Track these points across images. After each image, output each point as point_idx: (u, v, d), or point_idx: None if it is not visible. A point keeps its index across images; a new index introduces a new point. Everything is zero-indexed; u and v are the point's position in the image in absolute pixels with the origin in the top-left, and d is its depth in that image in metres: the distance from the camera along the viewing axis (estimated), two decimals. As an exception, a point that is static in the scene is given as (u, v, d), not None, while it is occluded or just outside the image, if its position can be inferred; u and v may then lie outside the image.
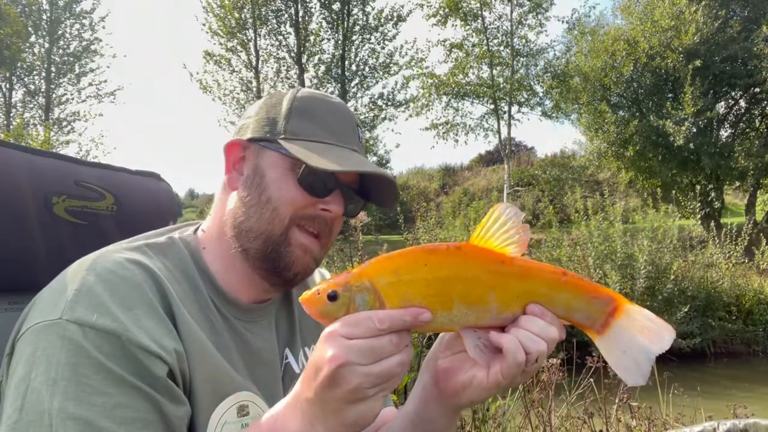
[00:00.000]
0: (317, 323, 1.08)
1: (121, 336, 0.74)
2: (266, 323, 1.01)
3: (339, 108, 1.00)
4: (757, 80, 16.33)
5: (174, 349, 0.79)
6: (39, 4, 21.78)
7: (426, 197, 20.49)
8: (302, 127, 0.95)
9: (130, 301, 0.78)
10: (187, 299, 0.88)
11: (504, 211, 0.76)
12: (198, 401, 0.82)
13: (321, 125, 0.95)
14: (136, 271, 0.82)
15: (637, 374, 0.73)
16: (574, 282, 0.77)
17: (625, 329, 0.75)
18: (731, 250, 11.28)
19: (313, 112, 0.96)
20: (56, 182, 1.09)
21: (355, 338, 0.69)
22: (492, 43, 19.96)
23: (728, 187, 18.49)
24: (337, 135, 0.96)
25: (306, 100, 0.98)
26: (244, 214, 0.94)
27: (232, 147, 0.98)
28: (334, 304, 0.72)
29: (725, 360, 9.96)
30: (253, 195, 0.94)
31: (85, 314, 0.74)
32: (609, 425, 2.88)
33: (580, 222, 10.62)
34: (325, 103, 0.99)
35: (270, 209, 0.92)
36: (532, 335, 0.73)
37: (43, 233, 1.05)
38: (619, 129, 17.39)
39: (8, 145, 1.07)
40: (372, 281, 0.72)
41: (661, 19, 16.74)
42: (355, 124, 1.02)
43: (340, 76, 21.28)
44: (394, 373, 0.70)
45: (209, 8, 20.24)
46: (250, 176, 0.95)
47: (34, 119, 21.88)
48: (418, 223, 10.63)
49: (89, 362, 0.72)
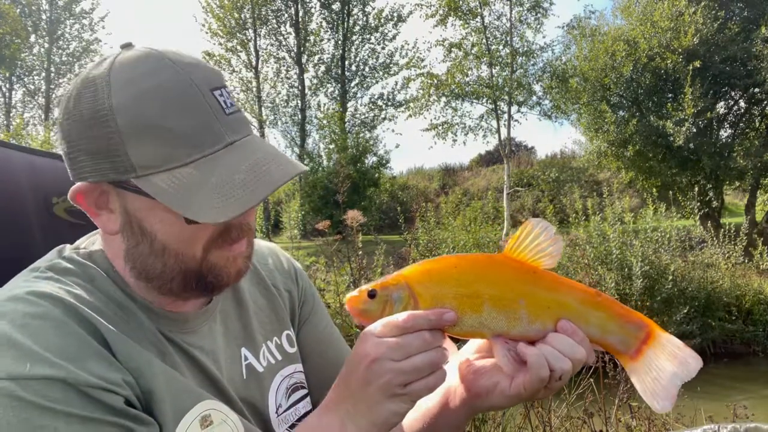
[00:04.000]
0: (275, 316, 1.02)
1: (66, 379, 0.66)
2: (207, 329, 0.90)
3: (169, 89, 0.72)
4: (756, 81, 16.33)
5: (122, 379, 0.72)
6: (39, 4, 21.79)
7: (426, 197, 20.48)
8: (148, 154, 0.71)
9: (58, 342, 0.68)
10: (119, 322, 0.77)
11: (536, 225, 0.80)
12: (160, 421, 0.76)
13: (168, 139, 0.72)
14: (50, 306, 0.71)
15: (666, 401, 0.76)
16: (608, 303, 0.80)
17: (657, 356, 0.78)
18: (731, 250, 11.29)
19: (146, 122, 0.71)
20: (56, 182, 1.08)
21: (386, 336, 0.73)
22: (491, 42, 19.97)
23: (728, 187, 18.49)
24: (195, 141, 0.73)
25: (127, 107, 0.71)
26: (141, 265, 0.79)
27: (81, 196, 0.78)
28: (372, 302, 0.78)
29: (725, 360, 9.95)
30: (143, 245, 0.78)
31: (15, 367, 0.65)
32: (609, 425, 2.88)
33: (578, 223, 10.62)
34: (150, 94, 0.72)
35: (172, 255, 0.78)
36: (559, 353, 0.74)
37: (43, 234, 1.05)
38: (619, 129, 17.39)
39: (8, 145, 1.07)
40: (408, 281, 0.79)
41: (661, 20, 16.75)
42: (208, 97, 0.74)
43: (340, 76, 21.30)
44: (423, 370, 0.73)
45: (209, 8, 20.24)
46: (126, 224, 0.78)
47: (34, 119, 21.92)
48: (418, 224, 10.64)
49: (41, 413, 0.64)
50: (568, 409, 3.09)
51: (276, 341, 1.00)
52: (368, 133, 21.27)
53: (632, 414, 2.93)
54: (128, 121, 0.71)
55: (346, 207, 4.45)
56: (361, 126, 21.72)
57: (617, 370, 2.90)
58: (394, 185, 23.04)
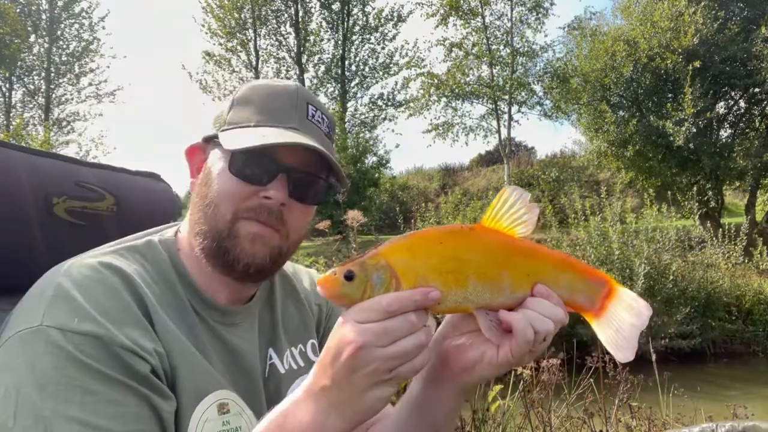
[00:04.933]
0: (303, 325, 1.12)
1: (103, 338, 0.75)
2: (248, 325, 1.00)
3: (280, 89, 0.96)
4: (756, 81, 16.35)
5: (153, 349, 0.80)
6: (38, 4, 21.78)
7: (426, 197, 20.48)
8: (238, 115, 0.93)
9: (107, 305, 0.79)
10: (164, 301, 0.87)
11: (512, 193, 0.79)
12: (180, 399, 0.83)
13: (256, 109, 0.93)
14: (109, 274, 0.82)
15: (628, 351, 0.79)
16: (575, 264, 0.81)
17: (617, 310, 0.80)
18: (731, 250, 11.29)
19: (251, 98, 0.94)
20: (56, 183, 1.08)
21: (369, 322, 0.70)
22: (492, 42, 19.98)
23: (728, 187, 18.50)
24: (275, 116, 0.92)
25: (249, 89, 0.96)
26: (195, 217, 0.93)
27: (192, 151, 0.98)
28: (351, 284, 0.72)
29: (725, 360, 9.96)
30: (201, 196, 0.93)
31: (65, 319, 0.75)
32: (609, 425, 2.88)
33: (577, 224, 10.61)
34: (268, 87, 0.96)
35: (212, 207, 0.90)
36: (540, 315, 0.76)
37: (43, 234, 1.05)
38: (619, 129, 17.40)
39: (8, 145, 1.07)
40: (388, 260, 0.73)
41: (661, 20, 16.75)
42: (301, 102, 0.95)
43: (340, 76, 21.31)
44: (411, 354, 0.70)
45: (209, 9, 20.25)
46: (202, 178, 0.94)
47: (33, 119, 21.89)
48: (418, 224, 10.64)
49: (75, 364, 0.73)
50: (568, 409, 3.09)
51: (300, 348, 1.08)
52: (368, 133, 21.30)
53: (632, 414, 2.93)
54: (241, 96, 0.95)
55: (346, 207, 4.45)
56: (361, 126, 21.73)
57: (617, 370, 2.90)
58: (394, 185, 23.03)
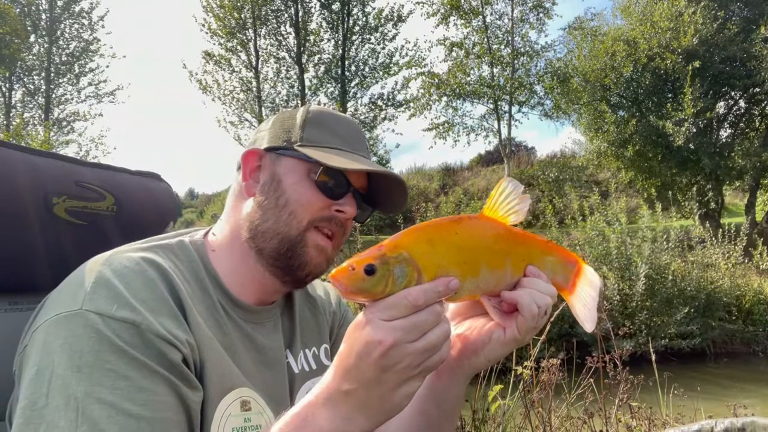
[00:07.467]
0: (318, 329, 1.16)
1: (140, 325, 0.79)
2: (272, 325, 1.06)
3: (348, 120, 1.09)
4: (756, 81, 16.34)
5: (186, 340, 0.83)
6: (38, 3, 21.77)
7: (426, 197, 20.49)
8: (316, 135, 1.01)
9: (144, 295, 0.83)
10: (195, 298, 0.92)
11: (508, 183, 0.85)
12: (207, 392, 0.86)
13: (333, 134, 1.03)
14: (148, 268, 0.86)
15: (592, 322, 0.86)
16: (555, 247, 0.89)
17: (583, 286, 0.89)
18: (731, 250, 11.29)
19: (326, 122, 1.04)
20: (56, 183, 1.08)
21: (396, 319, 0.68)
22: (492, 42, 19.97)
23: (728, 187, 18.50)
24: (349, 143, 1.04)
25: (318, 113, 1.05)
26: (261, 217, 0.99)
27: (250, 156, 1.04)
28: (371, 279, 0.69)
29: (725, 360, 9.96)
30: (271, 199, 0.99)
31: (104, 305, 0.79)
32: (609, 425, 2.88)
33: (576, 224, 10.61)
34: (335, 115, 1.07)
35: (287, 212, 0.97)
36: (539, 292, 0.82)
37: (43, 234, 1.05)
38: (618, 129, 17.40)
39: (8, 145, 1.07)
40: (410, 252, 0.72)
41: (660, 20, 16.75)
42: (363, 136, 1.09)
43: (340, 76, 21.29)
44: (440, 345, 0.71)
45: (209, 8, 20.24)
46: (267, 182, 1.01)
47: (33, 119, 21.86)
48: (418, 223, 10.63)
49: (111, 349, 0.76)
50: (568, 409, 3.09)
51: (314, 351, 1.13)
52: (368, 133, 21.27)
53: (632, 414, 2.92)
54: (315, 118, 1.04)
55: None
56: (361, 126, 21.68)
57: (617, 370, 2.90)
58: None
